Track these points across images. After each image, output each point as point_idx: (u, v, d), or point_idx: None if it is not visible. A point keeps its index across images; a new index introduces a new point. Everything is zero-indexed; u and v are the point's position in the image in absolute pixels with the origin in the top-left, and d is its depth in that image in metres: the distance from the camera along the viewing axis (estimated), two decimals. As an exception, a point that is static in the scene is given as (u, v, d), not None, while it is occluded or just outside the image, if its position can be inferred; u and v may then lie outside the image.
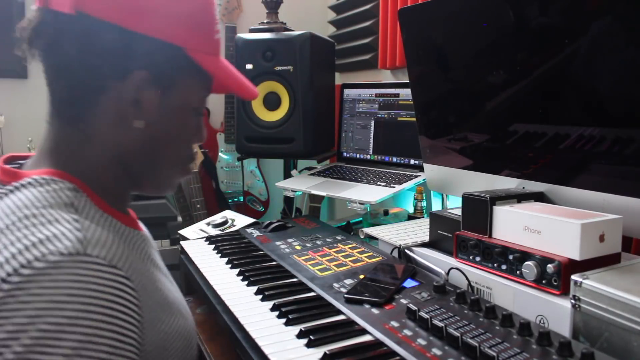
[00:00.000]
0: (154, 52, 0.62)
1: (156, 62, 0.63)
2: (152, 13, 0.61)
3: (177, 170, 0.73)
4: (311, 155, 1.79)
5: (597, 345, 0.67)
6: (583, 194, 0.89)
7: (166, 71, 0.65)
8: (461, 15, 1.06)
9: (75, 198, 0.60)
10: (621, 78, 0.81)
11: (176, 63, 0.65)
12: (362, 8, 2.13)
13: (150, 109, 0.65)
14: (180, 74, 0.66)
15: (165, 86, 0.65)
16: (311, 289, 0.90)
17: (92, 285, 0.52)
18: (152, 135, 0.66)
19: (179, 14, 0.64)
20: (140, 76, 0.62)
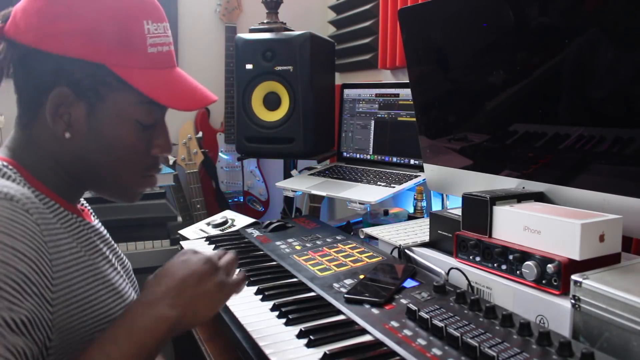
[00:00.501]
0: (73, 70, 0.68)
1: (76, 79, 0.69)
2: (68, 33, 0.67)
3: (132, 178, 0.77)
4: (311, 155, 1.79)
5: (597, 345, 0.67)
6: (583, 194, 0.89)
7: (88, 86, 0.70)
8: (461, 15, 1.06)
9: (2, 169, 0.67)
10: (621, 78, 0.81)
11: (98, 78, 0.70)
12: (362, 8, 2.13)
13: (78, 122, 0.71)
14: (107, 89, 0.71)
15: (92, 100, 0.70)
16: (311, 289, 0.90)
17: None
18: (86, 146, 0.72)
19: (96, 32, 0.68)
20: (60, 92, 0.69)
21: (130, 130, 0.73)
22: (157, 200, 1.87)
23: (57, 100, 0.69)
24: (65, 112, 0.70)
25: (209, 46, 2.38)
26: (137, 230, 1.72)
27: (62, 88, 0.69)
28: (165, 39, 0.74)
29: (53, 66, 0.68)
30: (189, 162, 2.28)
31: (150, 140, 0.76)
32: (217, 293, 0.71)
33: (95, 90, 0.70)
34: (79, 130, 0.71)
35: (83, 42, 0.68)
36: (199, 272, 0.71)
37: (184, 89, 0.76)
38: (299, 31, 1.70)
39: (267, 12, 1.84)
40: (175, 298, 0.67)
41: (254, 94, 1.75)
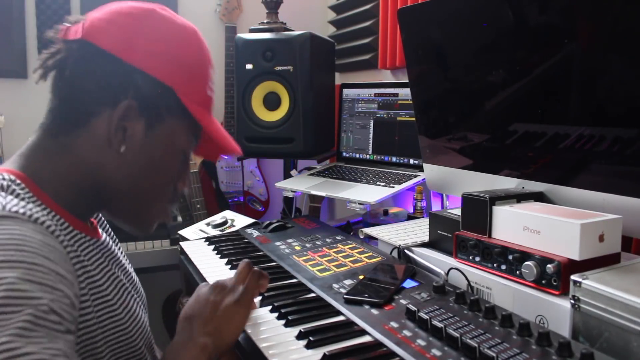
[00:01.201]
0: (144, 86, 0.69)
1: (145, 95, 0.69)
2: (149, 51, 0.69)
3: (155, 207, 0.77)
4: (311, 155, 1.79)
5: (597, 345, 0.66)
6: (583, 194, 0.89)
7: (154, 106, 0.71)
8: (461, 15, 1.06)
9: (9, 185, 0.64)
10: (621, 78, 0.81)
11: (165, 100, 0.71)
12: (362, 8, 2.13)
13: (134, 137, 0.70)
14: (168, 112, 0.72)
15: (152, 119, 0.71)
16: (311, 289, 0.90)
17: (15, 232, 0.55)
18: (133, 163, 0.71)
19: (175, 58, 0.71)
20: (128, 105, 0.68)
21: (176, 159, 0.76)
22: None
23: (124, 112, 0.68)
24: (124, 126, 0.69)
25: (209, 46, 2.37)
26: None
27: (131, 102, 0.69)
28: (213, 87, 0.80)
29: (126, 76, 0.68)
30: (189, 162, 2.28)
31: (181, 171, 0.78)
32: (234, 312, 0.76)
33: (158, 111, 0.71)
34: (132, 147, 0.70)
35: (163, 62, 0.70)
36: (210, 302, 0.77)
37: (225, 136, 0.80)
38: (299, 31, 1.70)
39: (267, 12, 1.84)
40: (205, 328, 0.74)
41: (254, 94, 1.75)
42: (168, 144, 0.74)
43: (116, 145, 0.70)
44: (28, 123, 2.02)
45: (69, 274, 0.59)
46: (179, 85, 0.71)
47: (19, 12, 2.10)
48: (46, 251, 0.57)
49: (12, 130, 2.09)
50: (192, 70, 0.74)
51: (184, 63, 0.73)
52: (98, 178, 0.71)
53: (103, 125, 0.69)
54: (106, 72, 0.68)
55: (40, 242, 0.57)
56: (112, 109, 0.68)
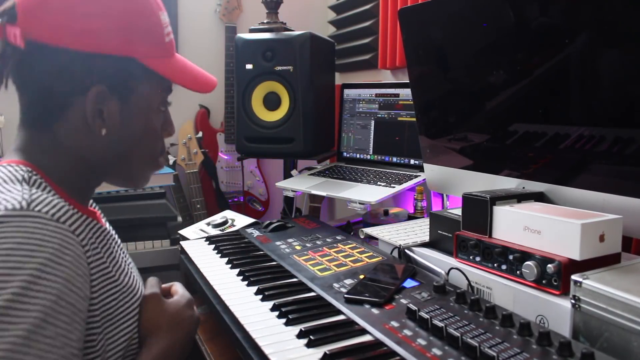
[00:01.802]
0: (106, 67, 0.68)
1: (111, 76, 0.69)
2: (96, 32, 0.67)
3: (150, 164, 0.79)
4: (311, 155, 1.79)
5: (597, 345, 0.67)
6: (583, 194, 0.89)
7: (122, 82, 0.71)
8: (461, 15, 1.06)
9: (29, 176, 0.66)
10: (621, 78, 0.81)
11: (130, 73, 0.71)
12: (362, 8, 2.13)
13: (112, 117, 0.71)
14: (137, 82, 0.72)
15: (124, 95, 0.71)
16: (311, 289, 0.90)
17: (37, 235, 0.58)
18: (118, 139, 0.73)
19: (123, 27, 0.69)
20: (97, 90, 0.69)
21: (156, 118, 0.77)
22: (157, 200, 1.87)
23: (96, 99, 0.69)
24: (100, 109, 0.70)
25: (209, 46, 2.38)
26: (137, 230, 1.72)
27: (99, 87, 0.68)
28: (170, 27, 0.78)
29: (86, 65, 0.67)
30: (189, 162, 2.28)
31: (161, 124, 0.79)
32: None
33: (126, 85, 0.71)
34: (113, 125, 0.71)
35: (115, 38, 0.68)
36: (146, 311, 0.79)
37: (196, 73, 0.80)
38: (299, 31, 1.70)
39: (267, 12, 1.84)
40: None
41: (254, 94, 1.75)
42: (145, 109, 0.74)
43: (97, 130, 0.70)
44: (28, 123, 2.03)
45: (79, 278, 0.61)
46: (137, 52, 0.70)
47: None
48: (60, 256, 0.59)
49: (12, 130, 2.09)
50: (143, 29, 0.71)
51: (134, 27, 0.70)
52: (91, 161, 0.73)
53: (78, 114, 0.69)
54: (64, 67, 0.67)
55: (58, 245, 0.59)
56: (83, 96, 0.68)
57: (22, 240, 0.57)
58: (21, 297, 0.55)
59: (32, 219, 0.59)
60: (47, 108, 0.70)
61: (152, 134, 0.77)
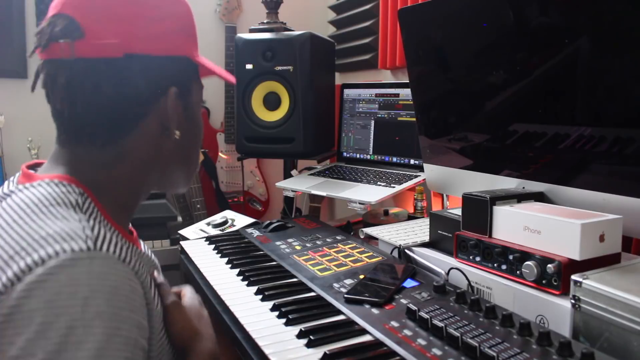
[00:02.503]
0: (174, 69, 0.69)
1: (179, 76, 0.70)
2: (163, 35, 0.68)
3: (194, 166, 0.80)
4: (311, 155, 1.79)
5: (597, 345, 0.67)
6: (583, 194, 0.89)
7: (185, 80, 0.72)
8: (461, 15, 1.06)
9: (83, 200, 0.61)
10: (621, 77, 0.81)
11: (189, 72, 0.73)
12: (362, 8, 2.13)
13: (180, 117, 0.70)
14: (192, 80, 0.74)
15: (185, 95, 0.71)
16: (311, 289, 0.90)
17: (110, 279, 0.54)
18: (185, 140, 0.72)
19: (180, 29, 0.70)
20: (173, 92, 0.68)
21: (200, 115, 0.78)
22: (157, 200, 1.87)
23: (171, 102, 0.68)
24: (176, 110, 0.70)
25: (209, 46, 2.38)
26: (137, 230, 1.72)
27: (172, 88, 0.68)
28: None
29: (160, 69, 0.67)
30: (189, 162, 2.28)
31: None
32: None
33: (187, 84, 0.72)
34: (181, 126, 0.71)
35: (178, 38, 0.69)
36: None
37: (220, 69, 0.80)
38: (299, 31, 1.70)
39: (267, 12, 1.84)
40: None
41: (254, 94, 1.75)
42: (197, 105, 0.75)
43: (172, 133, 0.70)
44: (28, 123, 2.04)
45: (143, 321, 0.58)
46: (189, 50, 0.72)
47: (19, 12, 2.10)
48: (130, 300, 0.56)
49: (12, 130, 2.10)
50: (190, 28, 0.73)
51: (185, 26, 0.72)
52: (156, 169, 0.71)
53: (153, 121, 0.68)
54: (145, 74, 0.65)
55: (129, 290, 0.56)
56: (157, 103, 0.67)
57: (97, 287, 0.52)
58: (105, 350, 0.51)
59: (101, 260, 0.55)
60: (117, 122, 0.66)
61: (202, 132, 0.79)
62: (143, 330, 0.58)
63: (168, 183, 0.77)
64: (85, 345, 0.49)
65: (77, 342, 0.49)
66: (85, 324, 0.50)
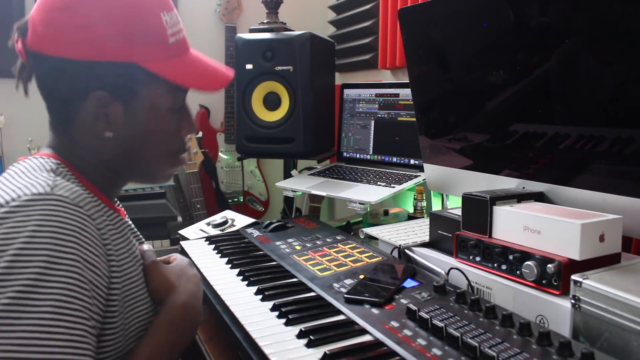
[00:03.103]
0: (107, 73, 0.71)
1: (112, 81, 0.72)
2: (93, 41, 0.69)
3: (167, 161, 0.82)
4: (311, 155, 1.79)
5: (597, 345, 0.67)
6: (583, 194, 0.89)
7: (123, 86, 0.73)
8: (461, 15, 1.06)
9: (57, 167, 0.71)
10: (621, 78, 0.81)
11: (132, 77, 0.73)
12: (362, 8, 2.13)
13: (117, 120, 0.74)
14: (139, 85, 0.74)
15: (127, 98, 0.74)
16: (311, 289, 0.90)
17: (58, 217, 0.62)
18: (127, 141, 0.76)
19: (120, 34, 0.71)
20: (97, 96, 0.71)
21: (164, 118, 0.78)
22: (157, 200, 1.87)
23: (96, 104, 0.72)
24: (104, 113, 0.73)
25: (209, 46, 2.38)
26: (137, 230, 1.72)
27: (98, 92, 0.71)
28: (179, 26, 0.79)
29: (86, 73, 0.70)
30: (189, 162, 2.28)
31: (178, 123, 0.81)
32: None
33: (129, 88, 0.73)
34: (118, 128, 0.74)
35: (113, 45, 0.70)
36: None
37: (207, 70, 0.81)
38: (299, 31, 1.70)
39: (267, 12, 1.84)
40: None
41: (254, 94, 1.75)
42: (152, 111, 0.76)
43: (101, 132, 0.73)
44: (28, 123, 2.04)
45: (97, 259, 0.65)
46: (137, 57, 0.72)
47: (19, 12, 2.10)
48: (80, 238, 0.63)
49: (12, 130, 2.10)
50: (142, 33, 0.72)
51: (132, 32, 0.71)
52: (107, 161, 0.77)
53: (84, 118, 0.73)
54: (67, 75, 0.70)
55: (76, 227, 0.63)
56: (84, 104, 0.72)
57: (44, 222, 0.60)
58: (45, 275, 0.58)
59: (54, 202, 0.62)
60: (62, 114, 0.75)
61: (163, 134, 0.79)
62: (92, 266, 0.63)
63: (136, 175, 0.82)
64: (27, 270, 0.57)
65: (20, 268, 0.57)
66: (28, 253, 0.58)
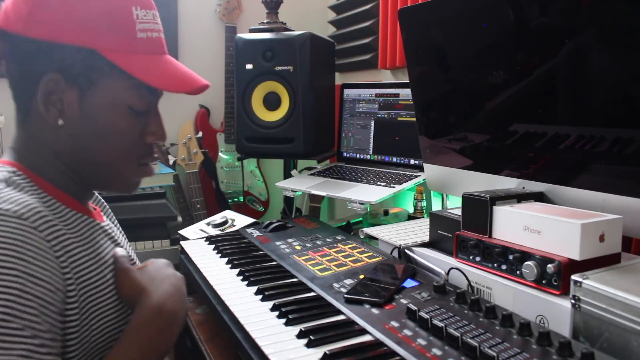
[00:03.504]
0: (63, 56, 0.68)
1: (67, 65, 0.68)
2: (56, 21, 0.67)
3: (126, 167, 0.76)
4: (311, 155, 1.79)
5: (597, 345, 0.67)
6: (583, 194, 0.89)
7: (80, 72, 0.69)
8: (461, 15, 1.06)
9: (10, 177, 0.68)
10: (621, 77, 0.81)
11: (89, 64, 0.69)
12: (362, 8, 2.13)
13: (71, 108, 0.70)
14: (98, 74, 0.70)
15: (84, 86, 0.70)
16: (311, 289, 0.90)
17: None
18: (80, 133, 0.72)
19: (85, 18, 0.68)
20: (50, 78, 0.68)
21: (123, 116, 0.73)
22: (157, 200, 1.87)
23: (49, 87, 0.69)
24: (58, 99, 0.69)
25: (209, 46, 2.38)
26: (137, 230, 1.72)
27: (53, 74, 0.68)
28: (155, 26, 0.75)
29: (43, 53, 0.67)
30: (189, 162, 2.28)
31: (144, 127, 0.76)
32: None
33: (87, 76, 0.70)
34: (71, 117, 0.70)
35: (73, 27, 0.67)
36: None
37: (176, 73, 0.76)
38: (299, 31, 1.70)
39: (267, 12, 1.84)
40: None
41: (254, 94, 1.75)
42: (109, 104, 0.72)
43: (52, 120, 0.70)
44: (28, 123, 2.03)
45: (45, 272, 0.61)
46: (100, 44, 0.68)
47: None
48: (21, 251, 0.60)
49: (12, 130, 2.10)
50: (108, 22, 0.69)
51: (97, 17, 0.68)
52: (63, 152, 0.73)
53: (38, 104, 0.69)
54: (26, 55, 0.68)
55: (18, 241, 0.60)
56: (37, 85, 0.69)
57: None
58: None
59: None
60: (20, 100, 0.72)
61: (121, 135, 0.74)
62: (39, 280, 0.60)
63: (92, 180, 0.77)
64: None
65: None
66: None
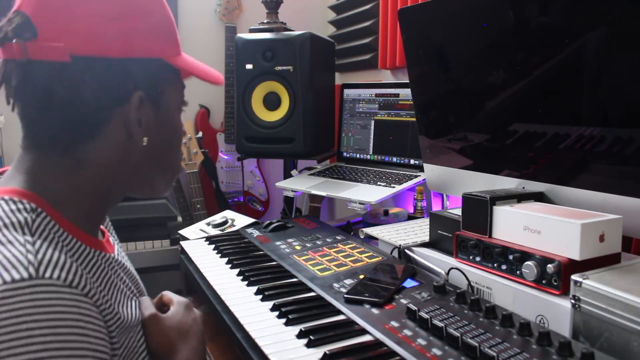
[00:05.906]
0: (141, 71, 0.65)
1: (147, 79, 0.66)
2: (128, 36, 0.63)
3: (171, 172, 0.76)
4: (311, 155, 1.79)
5: (597, 345, 0.67)
6: (583, 194, 0.89)
7: (155, 84, 0.68)
8: (461, 15, 1.06)
9: (32, 219, 0.58)
10: (621, 78, 0.81)
11: (161, 74, 0.68)
12: (362, 8, 2.13)
13: (149, 122, 0.67)
14: (165, 83, 0.69)
15: (156, 99, 0.68)
16: (311, 289, 0.90)
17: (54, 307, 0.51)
18: (154, 144, 0.69)
19: (152, 28, 0.66)
20: (138, 96, 0.65)
21: (179, 118, 0.74)
22: (157, 200, 1.87)
23: (137, 106, 0.64)
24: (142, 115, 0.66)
25: (209, 46, 2.38)
26: (137, 230, 1.72)
27: (138, 92, 0.64)
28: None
29: (124, 72, 0.63)
30: (189, 162, 2.28)
31: None
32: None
33: (158, 87, 0.68)
34: (149, 132, 0.67)
35: (147, 39, 0.65)
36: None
37: (205, 67, 0.76)
38: (299, 31, 1.70)
39: (267, 12, 1.84)
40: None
41: (254, 94, 1.75)
42: (174, 110, 0.72)
43: (139, 139, 0.66)
44: (28, 123, 2.03)
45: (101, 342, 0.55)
46: (164, 52, 0.67)
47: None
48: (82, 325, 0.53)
49: (12, 131, 2.10)
50: (165, 27, 0.68)
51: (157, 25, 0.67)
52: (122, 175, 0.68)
53: (118, 127, 0.64)
54: (103, 77, 0.61)
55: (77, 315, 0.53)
56: (122, 107, 0.64)
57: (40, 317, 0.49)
58: None
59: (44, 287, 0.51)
60: (77, 127, 0.63)
61: (180, 136, 0.75)
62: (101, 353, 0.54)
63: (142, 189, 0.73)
64: None
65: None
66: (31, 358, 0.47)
